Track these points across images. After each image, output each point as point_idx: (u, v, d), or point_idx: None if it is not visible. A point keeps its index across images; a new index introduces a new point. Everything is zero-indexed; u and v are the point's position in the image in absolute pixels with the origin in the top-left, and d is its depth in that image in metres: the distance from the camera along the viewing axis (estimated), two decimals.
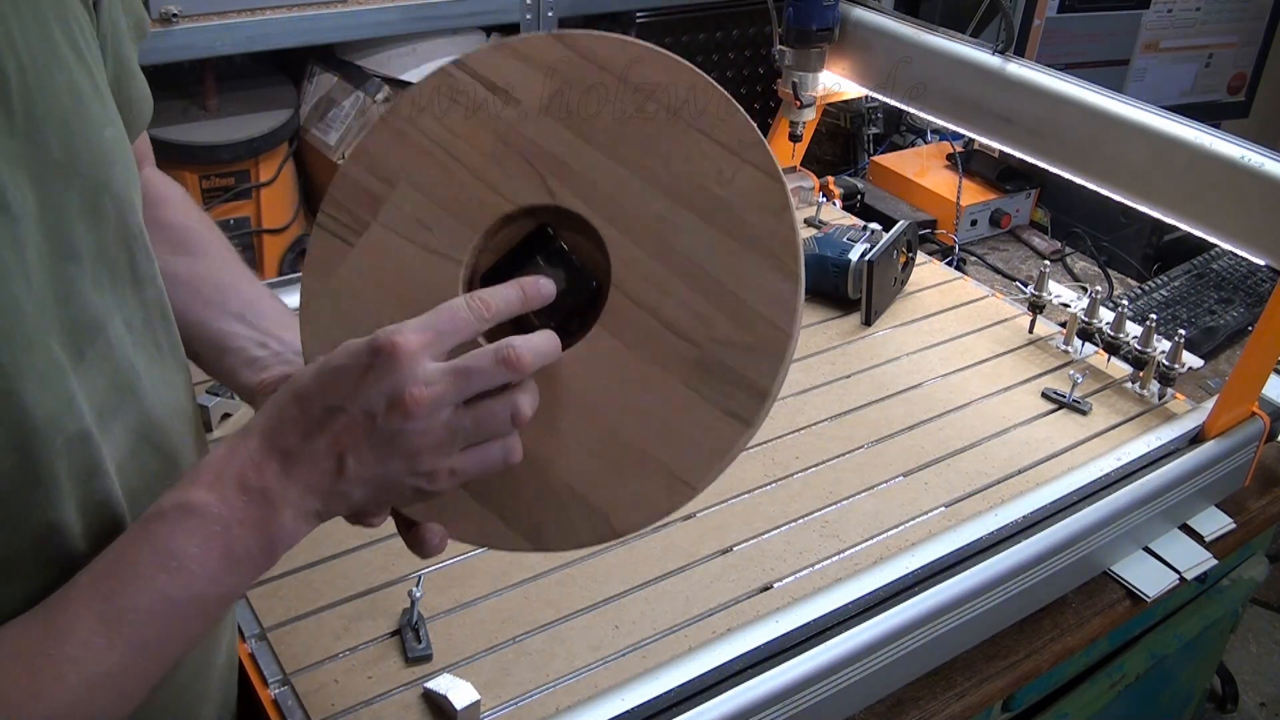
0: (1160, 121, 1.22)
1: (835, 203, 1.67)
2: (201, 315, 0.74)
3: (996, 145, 1.44)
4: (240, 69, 1.62)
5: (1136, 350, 1.28)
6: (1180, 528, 1.17)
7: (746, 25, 1.85)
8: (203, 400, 1.10)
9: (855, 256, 1.39)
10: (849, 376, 1.29)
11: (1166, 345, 1.26)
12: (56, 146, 0.54)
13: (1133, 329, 1.30)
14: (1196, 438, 1.16)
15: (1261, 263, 1.22)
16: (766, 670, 0.86)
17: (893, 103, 1.55)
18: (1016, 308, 1.44)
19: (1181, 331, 1.25)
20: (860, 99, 1.84)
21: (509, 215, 0.67)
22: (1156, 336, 1.27)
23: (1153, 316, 1.28)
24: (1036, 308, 1.38)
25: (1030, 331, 1.39)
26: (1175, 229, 1.26)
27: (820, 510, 1.08)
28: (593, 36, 0.69)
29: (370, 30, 1.53)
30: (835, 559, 1.02)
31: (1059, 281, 1.46)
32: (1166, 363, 1.25)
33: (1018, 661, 1.02)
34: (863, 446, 1.17)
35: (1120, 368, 1.32)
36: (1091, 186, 1.31)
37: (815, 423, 1.20)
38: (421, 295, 0.61)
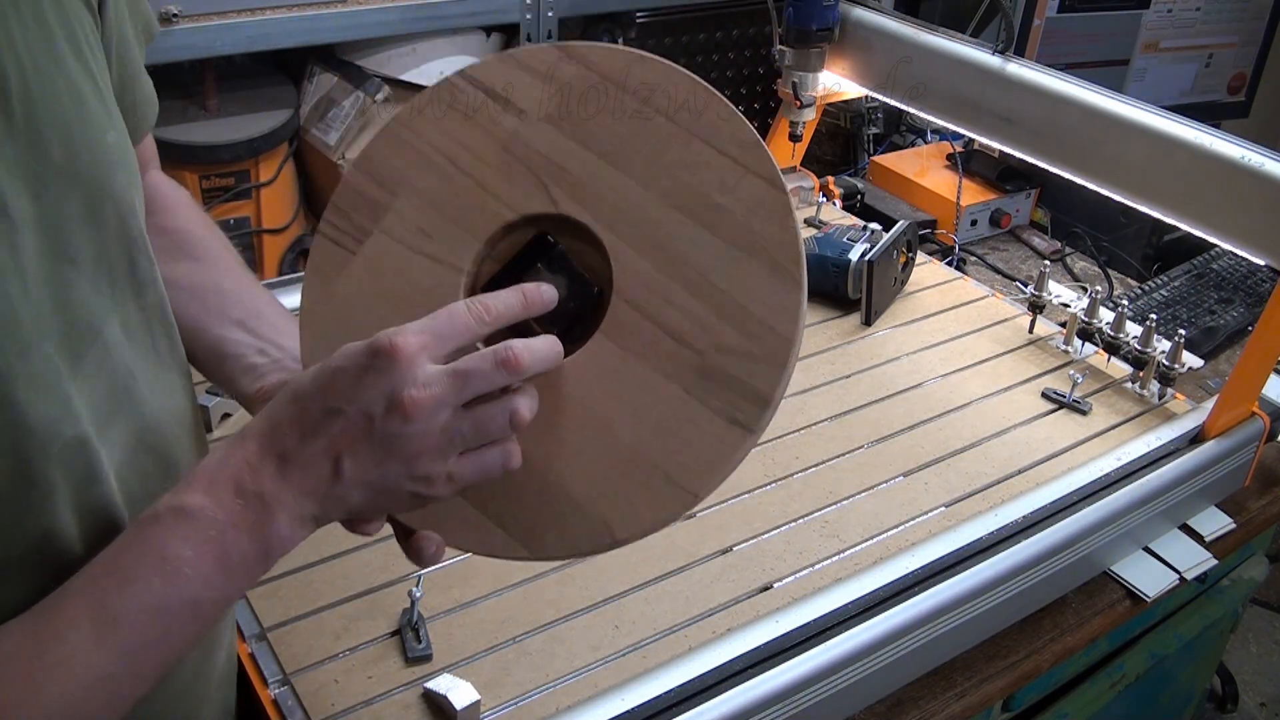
0: (1160, 121, 1.22)
1: (835, 203, 1.67)
2: (202, 321, 0.74)
3: (996, 145, 1.44)
4: (240, 69, 1.62)
5: (1136, 350, 1.28)
6: (1180, 528, 1.17)
7: (746, 25, 1.85)
8: (203, 400, 1.10)
9: (855, 256, 1.39)
10: (849, 376, 1.29)
11: (1166, 345, 1.26)
12: (57, 150, 0.54)
13: (1133, 329, 1.30)
14: (1196, 438, 1.16)
15: (1261, 263, 1.22)
16: (766, 670, 0.86)
17: (893, 103, 1.55)
18: (1016, 308, 1.44)
19: (1181, 331, 1.25)
20: (860, 99, 1.84)
21: (511, 223, 0.67)
22: (1156, 336, 1.27)
23: (1153, 316, 1.28)
24: (1036, 308, 1.38)
25: (1030, 331, 1.39)
26: (1175, 229, 1.26)
27: (820, 510, 1.08)
28: (595, 47, 0.69)
29: (370, 30, 1.53)
30: (835, 559, 1.02)
31: (1059, 281, 1.46)
32: (1166, 363, 1.25)
33: (1018, 661, 1.02)
34: (863, 446, 1.17)
35: (1120, 368, 1.32)
36: (1091, 186, 1.31)
37: (815, 423, 1.20)
38: (422, 302, 0.61)
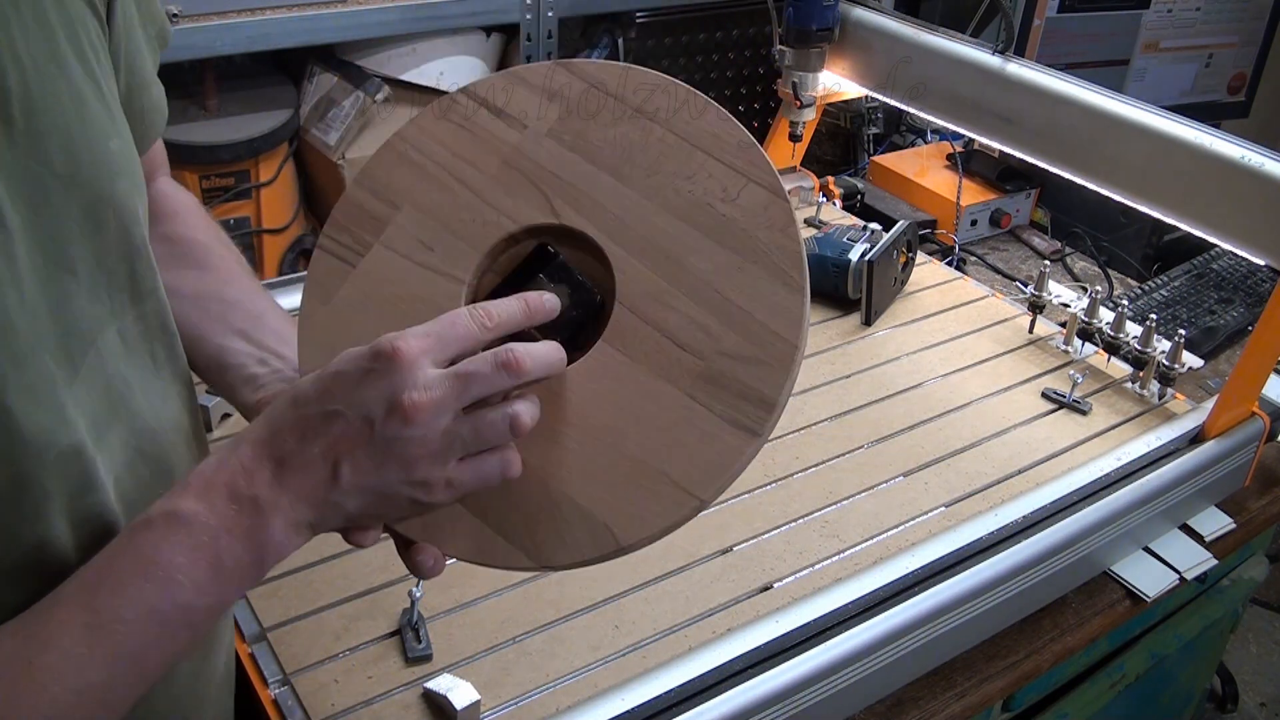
0: (1160, 121, 1.22)
1: (835, 203, 1.67)
2: (204, 330, 0.74)
3: (996, 145, 1.44)
4: (240, 69, 1.62)
5: (1136, 350, 1.28)
6: (1180, 528, 1.17)
7: (746, 25, 1.85)
8: (203, 400, 1.10)
9: (855, 256, 1.39)
10: (849, 376, 1.29)
11: (1166, 345, 1.26)
12: (58, 157, 0.54)
13: (1133, 329, 1.30)
14: (1196, 438, 1.16)
15: (1261, 263, 1.22)
16: (766, 670, 0.86)
17: (893, 103, 1.55)
18: (1016, 308, 1.44)
19: (1181, 331, 1.25)
20: (860, 99, 1.84)
21: (513, 235, 0.68)
22: (1156, 336, 1.27)
23: (1153, 316, 1.28)
24: (1036, 308, 1.38)
25: (1030, 331, 1.39)
26: (1175, 229, 1.26)
27: (820, 510, 1.08)
28: (595, 64, 0.70)
29: (370, 30, 1.53)
30: (835, 559, 1.02)
31: (1059, 281, 1.46)
32: (1166, 363, 1.25)
33: (1018, 661, 1.02)
34: (863, 446, 1.17)
35: (1120, 368, 1.32)
36: (1091, 186, 1.31)
37: (815, 423, 1.20)
38: (423, 313, 0.60)
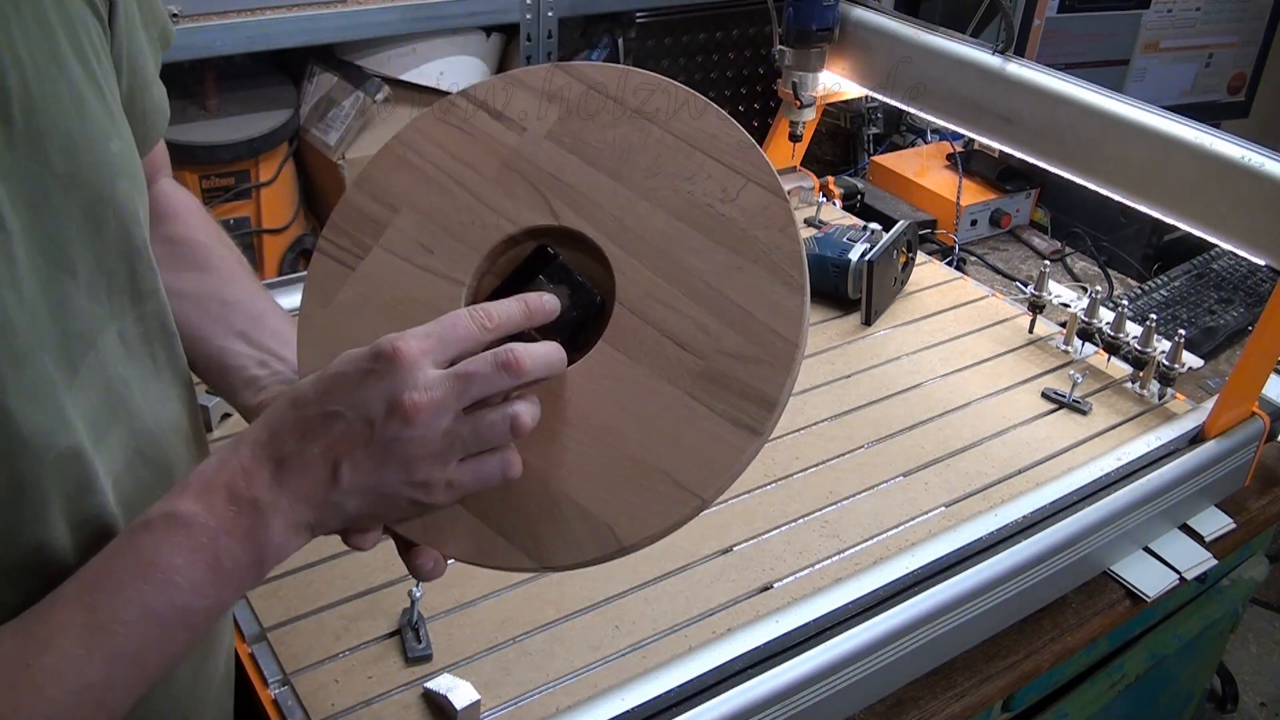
0: (1160, 121, 1.22)
1: (835, 203, 1.67)
2: (205, 332, 0.74)
3: (996, 145, 1.44)
4: (240, 69, 1.62)
5: (1136, 350, 1.28)
6: (1180, 528, 1.17)
7: (746, 25, 1.85)
8: (203, 400, 1.10)
9: (855, 256, 1.39)
10: (849, 376, 1.29)
11: (1166, 345, 1.26)
12: (58, 159, 0.54)
13: (1133, 329, 1.30)
14: (1196, 438, 1.16)
15: (1261, 263, 1.22)
16: (766, 670, 0.86)
17: (893, 103, 1.55)
18: (1016, 308, 1.44)
19: (1181, 331, 1.25)
20: (860, 99, 1.84)
21: (512, 237, 0.68)
22: (1156, 336, 1.27)
23: (1153, 316, 1.28)
24: (1036, 308, 1.38)
25: (1030, 331, 1.39)
26: (1175, 229, 1.26)
27: (820, 510, 1.08)
28: (595, 66, 0.71)
29: (370, 30, 1.53)
30: (835, 559, 1.02)
31: (1059, 281, 1.46)
32: (1166, 363, 1.25)
33: (1018, 661, 1.02)
34: (863, 446, 1.17)
35: (1120, 368, 1.32)
36: (1091, 186, 1.31)
37: (815, 423, 1.20)
38: (422, 315, 0.60)
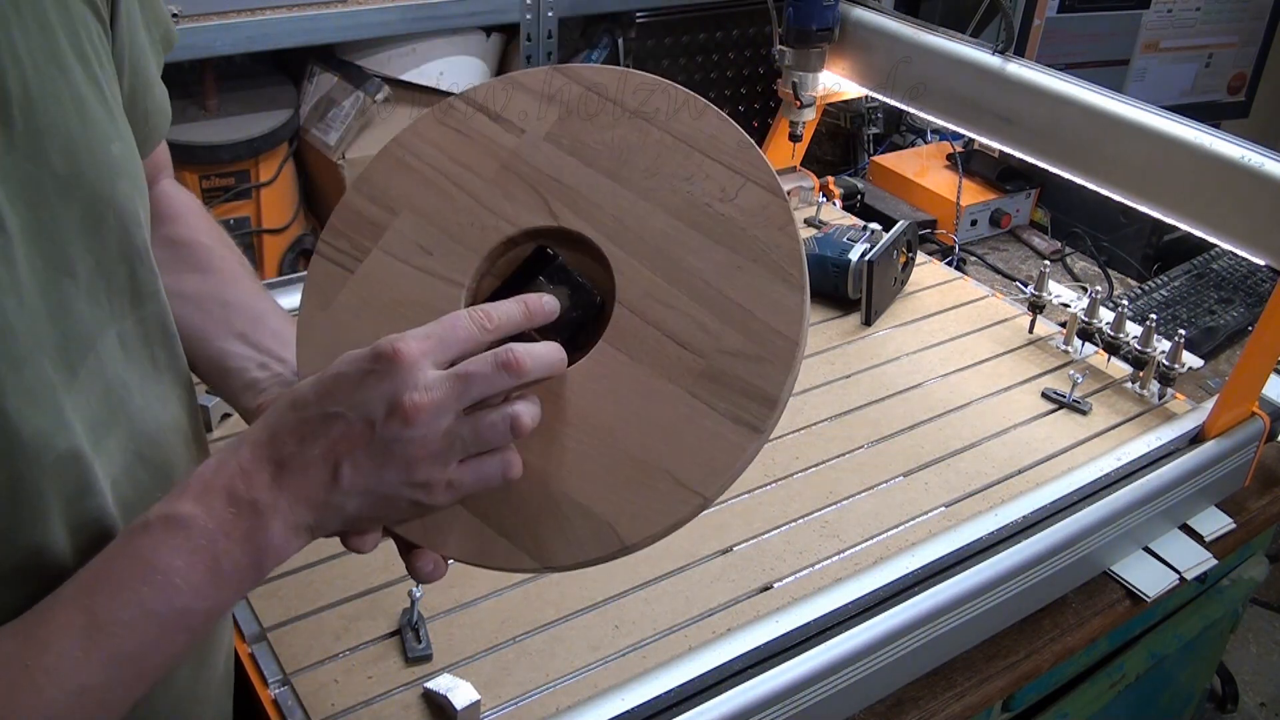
0: (1160, 121, 1.22)
1: (835, 203, 1.67)
2: (205, 334, 0.74)
3: (996, 145, 1.44)
4: (240, 69, 1.61)
5: (1136, 350, 1.28)
6: (1180, 528, 1.17)
7: (746, 25, 1.85)
8: (203, 400, 1.10)
9: (855, 256, 1.39)
10: (849, 376, 1.29)
11: (1166, 345, 1.26)
12: (58, 161, 0.53)
13: (1133, 329, 1.30)
14: (1196, 438, 1.16)
15: (1261, 263, 1.22)
16: (766, 670, 0.86)
17: (893, 103, 1.55)
18: (1016, 308, 1.44)
19: (1181, 331, 1.25)
20: (860, 99, 1.84)
21: (512, 238, 0.68)
22: (1156, 336, 1.27)
23: (1153, 316, 1.28)
24: (1036, 308, 1.38)
25: (1030, 331, 1.39)
26: (1175, 229, 1.26)
27: (820, 510, 1.08)
28: (593, 68, 0.71)
29: (370, 30, 1.53)
30: (835, 559, 1.02)
31: (1059, 281, 1.46)
32: (1166, 363, 1.25)
33: (1018, 661, 1.02)
34: (863, 446, 1.17)
35: (1120, 368, 1.32)
36: (1091, 186, 1.31)
37: (815, 423, 1.20)
38: (422, 316, 0.60)
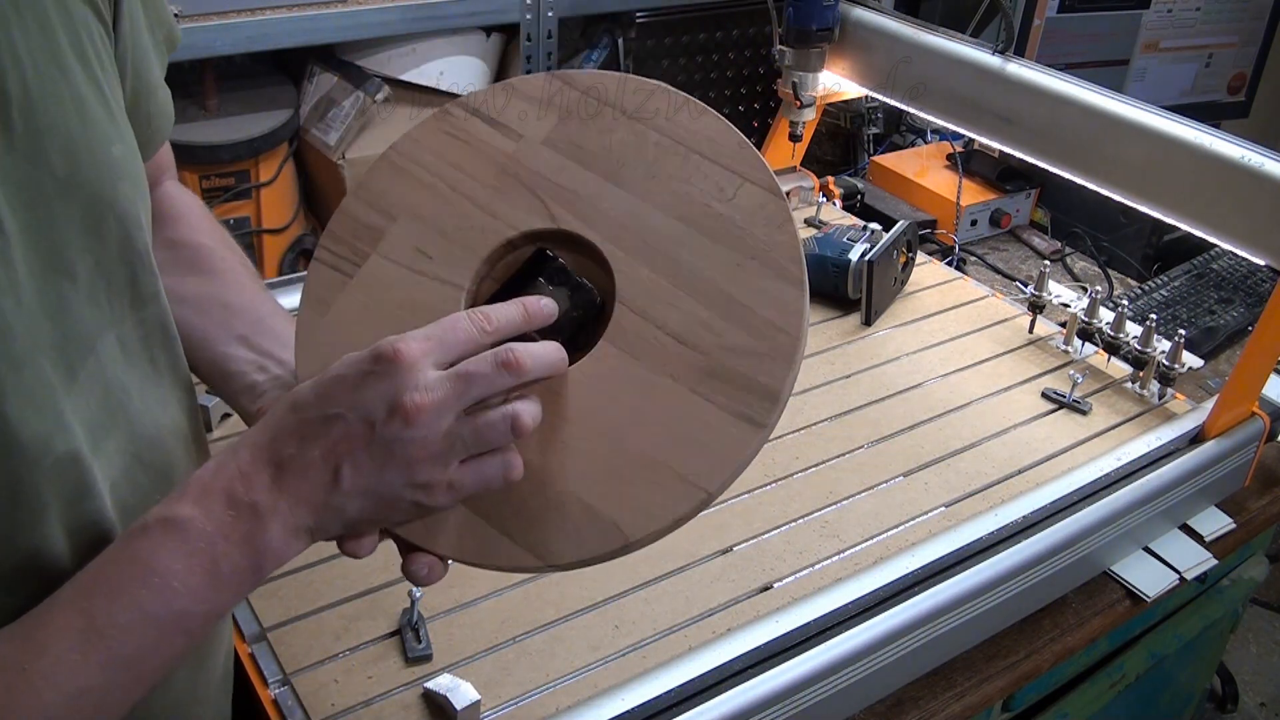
0: (1160, 121, 1.22)
1: (835, 203, 1.67)
2: (206, 337, 0.74)
3: (996, 145, 1.44)
4: (240, 69, 1.61)
5: (1136, 350, 1.28)
6: (1180, 528, 1.17)
7: (746, 25, 1.85)
8: (203, 400, 1.10)
9: (855, 256, 1.39)
10: (849, 376, 1.29)
11: (1166, 345, 1.26)
12: (58, 163, 0.53)
13: (1133, 329, 1.30)
14: (1196, 438, 1.16)
15: (1261, 263, 1.22)
16: (766, 670, 0.86)
17: (893, 103, 1.55)
18: (1016, 308, 1.44)
19: (1181, 331, 1.25)
20: (860, 99, 1.84)
21: (511, 241, 0.68)
22: (1156, 336, 1.27)
23: (1153, 316, 1.28)
24: (1036, 308, 1.38)
25: (1030, 331, 1.39)
26: (1175, 229, 1.26)
27: (820, 510, 1.08)
28: (590, 73, 0.71)
29: (370, 30, 1.53)
30: (835, 559, 1.02)
31: (1059, 281, 1.46)
32: (1166, 363, 1.25)
33: (1018, 661, 1.02)
34: (863, 446, 1.17)
35: (1120, 368, 1.32)
36: (1091, 186, 1.31)
37: (815, 423, 1.20)
38: (422, 320, 0.60)
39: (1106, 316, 1.33)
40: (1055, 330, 1.39)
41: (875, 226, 1.45)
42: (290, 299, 1.21)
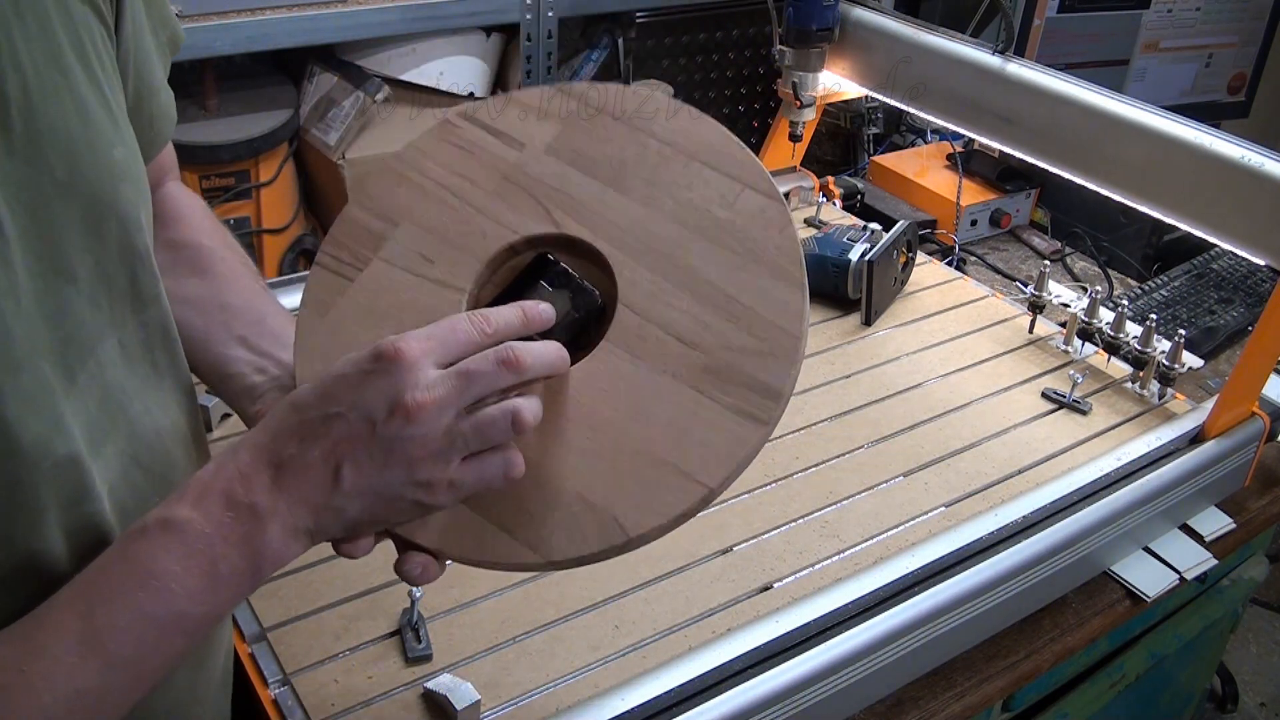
0: (1160, 121, 1.22)
1: (835, 203, 1.67)
2: (206, 338, 0.74)
3: (996, 145, 1.44)
4: (240, 69, 1.62)
5: (1136, 350, 1.28)
6: (1180, 528, 1.17)
7: (746, 25, 1.85)
8: (203, 400, 1.10)
9: (855, 256, 1.39)
10: (849, 376, 1.29)
11: (1166, 345, 1.26)
12: (59, 166, 0.53)
13: (1133, 329, 1.30)
14: (1196, 438, 1.16)
15: (1261, 263, 1.22)
16: (766, 670, 0.86)
17: (893, 103, 1.55)
18: (1016, 308, 1.44)
19: (1181, 331, 1.25)
20: (860, 99, 1.84)
21: (513, 246, 0.69)
22: (1156, 336, 1.27)
23: (1153, 316, 1.28)
24: (1036, 308, 1.38)
25: (1030, 331, 1.39)
26: (1175, 229, 1.26)
27: (820, 510, 1.08)
28: (592, 85, 0.73)
29: (370, 30, 1.53)
30: (835, 559, 1.02)
31: (1059, 281, 1.46)
32: (1166, 363, 1.25)
33: (1018, 661, 1.02)
34: (863, 446, 1.17)
35: (1120, 368, 1.32)
36: (1091, 186, 1.31)
37: (815, 423, 1.20)
38: (422, 322, 0.61)
39: (1106, 316, 1.33)
40: (1055, 330, 1.39)
41: (875, 226, 1.45)
42: (290, 299, 1.21)
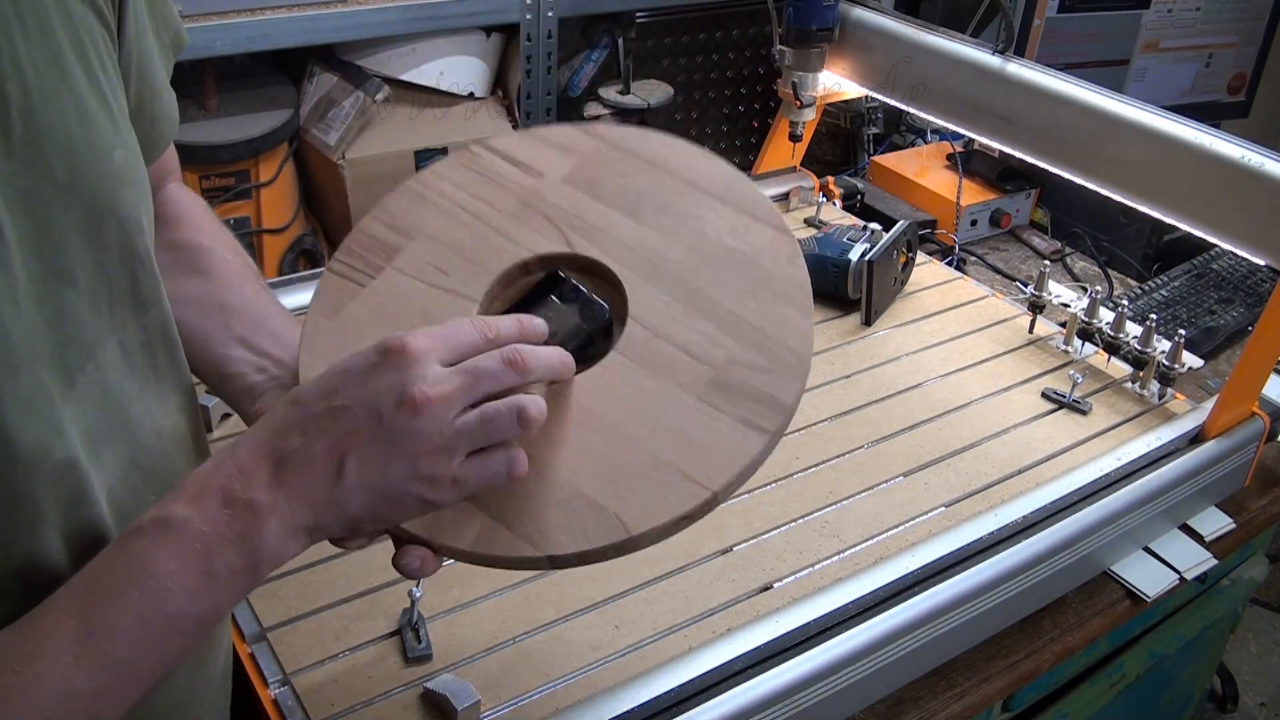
0: (1160, 121, 1.22)
1: (835, 203, 1.67)
2: (206, 339, 0.74)
3: (996, 145, 1.44)
4: (240, 69, 1.62)
5: (1136, 350, 1.28)
6: (1180, 528, 1.17)
7: (746, 25, 1.85)
8: (203, 400, 1.10)
9: (855, 256, 1.39)
10: (849, 376, 1.29)
11: (1166, 345, 1.26)
12: (59, 168, 0.53)
13: (1133, 329, 1.30)
14: (1196, 438, 1.16)
15: (1261, 263, 1.22)
16: (766, 670, 0.86)
17: (893, 103, 1.55)
18: (1016, 308, 1.44)
19: (1181, 331, 1.25)
20: (860, 99, 1.84)
21: (526, 263, 0.70)
22: (1156, 336, 1.27)
23: (1153, 316, 1.28)
24: (1036, 308, 1.38)
25: (1030, 331, 1.39)
26: (1175, 229, 1.26)
27: (820, 510, 1.08)
28: (613, 127, 0.77)
29: (370, 30, 1.53)
30: (835, 559, 1.02)
31: (1059, 281, 1.46)
32: (1166, 363, 1.25)
33: (1018, 661, 1.02)
34: (863, 446, 1.17)
35: (1120, 368, 1.32)
36: (1091, 186, 1.31)
37: (815, 423, 1.20)
38: (428, 324, 0.61)
39: (1106, 316, 1.33)
40: (1055, 330, 1.39)
41: (875, 226, 1.45)
42: (290, 299, 1.21)
